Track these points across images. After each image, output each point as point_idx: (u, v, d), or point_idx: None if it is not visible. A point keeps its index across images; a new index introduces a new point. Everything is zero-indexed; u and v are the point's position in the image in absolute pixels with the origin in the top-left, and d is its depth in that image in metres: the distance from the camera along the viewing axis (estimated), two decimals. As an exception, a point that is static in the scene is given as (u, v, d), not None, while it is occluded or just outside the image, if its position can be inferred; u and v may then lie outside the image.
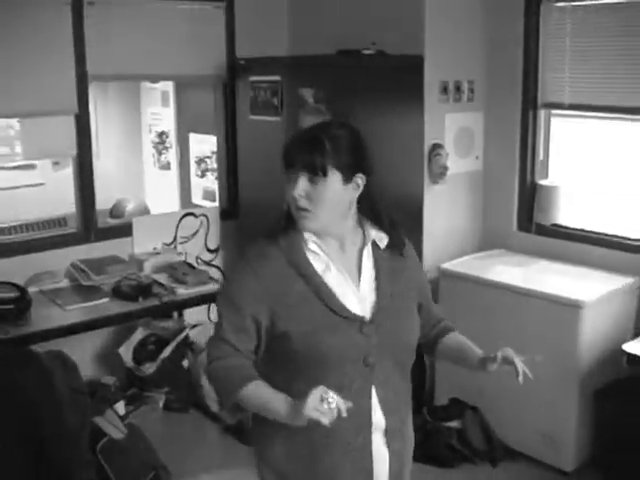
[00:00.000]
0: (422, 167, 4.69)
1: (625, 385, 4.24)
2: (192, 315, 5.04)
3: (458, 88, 4.85)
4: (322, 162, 2.09)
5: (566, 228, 4.80)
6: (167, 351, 4.85)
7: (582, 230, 4.70)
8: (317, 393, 1.87)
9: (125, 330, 4.92)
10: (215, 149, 5.64)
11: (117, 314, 4.32)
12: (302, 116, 4.57)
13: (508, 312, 4.29)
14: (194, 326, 5.04)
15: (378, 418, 2.16)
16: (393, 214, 2.32)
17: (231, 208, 5.37)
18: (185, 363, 4.94)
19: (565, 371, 4.06)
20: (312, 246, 2.16)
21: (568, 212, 4.80)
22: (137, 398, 4.92)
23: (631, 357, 3.71)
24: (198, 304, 4.74)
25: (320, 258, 2.17)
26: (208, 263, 5.23)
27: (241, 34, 5.26)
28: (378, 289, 2.20)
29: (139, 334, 4.90)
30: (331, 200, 2.13)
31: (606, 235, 4.62)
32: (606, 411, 4.12)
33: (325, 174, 2.10)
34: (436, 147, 4.72)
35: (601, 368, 4.15)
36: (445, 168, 4.70)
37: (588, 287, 4.25)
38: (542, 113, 4.88)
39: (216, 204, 5.57)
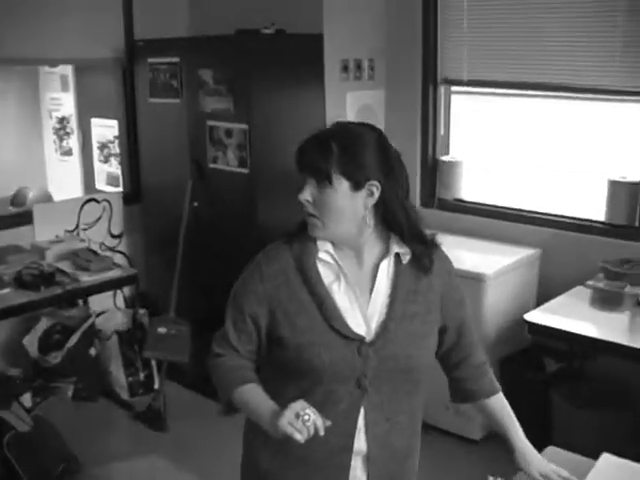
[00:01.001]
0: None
1: (528, 355, 4.36)
2: (98, 302, 4.96)
3: (359, 66, 4.87)
4: (327, 168, 1.93)
5: (468, 203, 4.89)
6: (73, 340, 4.76)
7: (484, 204, 4.79)
8: (294, 408, 1.80)
9: (29, 320, 4.80)
10: (117, 133, 5.55)
11: (20, 304, 4.23)
12: (202, 97, 4.54)
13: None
14: (100, 313, 4.97)
15: (361, 443, 2.04)
16: (420, 225, 2.06)
17: (134, 192, 5.30)
18: (92, 351, 4.86)
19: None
20: (323, 255, 2.01)
21: (470, 187, 4.89)
22: (44, 389, 4.82)
23: (532, 326, 3.79)
24: (103, 291, 4.69)
25: (331, 268, 2.02)
26: (112, 249, 5.15)
27: (139, 15, 5.16)
28: (389, 309, 2.03)
29: (44, 324, 4.79)
30: (339, 208, 1.95)
31: (507, 208, 4.73)
32: (510, 379, 4.21)
33: (330, 182, 1.93)
34: (337, 125, 4.74)
35: (505, 338, 4.24)
36: (346, 146, 4.71)
37: (490, 260, 4.33)
38: (442, 89, 4.95)
39: (120, 189, 5.49)
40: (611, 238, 4.32)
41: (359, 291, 2.02)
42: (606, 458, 2.32)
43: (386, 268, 2.05)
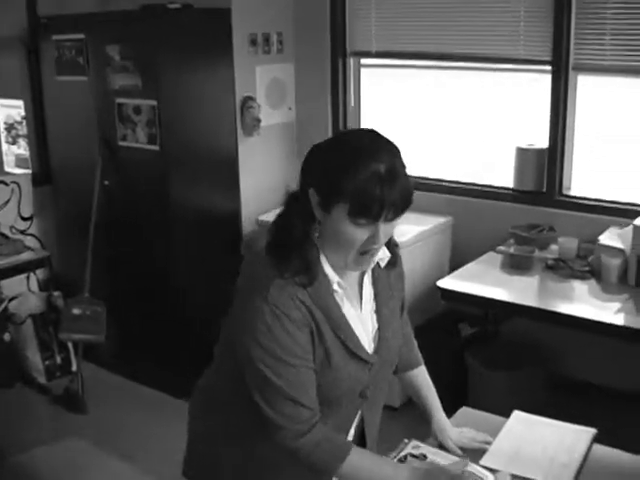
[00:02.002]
0: (234, 121, 4.70)
1: (442, 321, 4.44)
2: (10, 286, 4.86)
3: (267, 40, 4.85)
4: (412, 191, 1.78)
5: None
6: (-15, 325, 4.67)
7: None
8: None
9: (-62, 307, 4.71)
10: (24, 114, 5.43)
11: None
12: (109, 74, 4.46)
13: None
14: (13, 297, 4.87)
15: (351, 433, 2.05)
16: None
17: (44, 173, 5.18)
18: (6, 336, 4.77)
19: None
20: (336, 287, 1.85)
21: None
22: (-43, 377, 4.73)
23: (445, 292, 3.86)
24: (15, 274, 4.60)
25: (339, 295, 1.87)
26: (23, 232, 5.04)
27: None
28: (379, 315, 1.99)
29: (-46, 310, 4.70)
30: None
31: (418, 178, 4.78)
32: (426, 345, 4.27)
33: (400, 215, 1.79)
34: (248, 100, 4.73)
35: (420, 305, 4.30)
36: (258, 120, 4.71)
37: (402, 229, 4.37)
38: (351, 61, 4.97)
39: (29, 171, 5.37)
40: (520, 204, 4.42)
41: (352, 304, 1.92)
42: (517, 415, 2.39)
43: (369, 276, 1.99)
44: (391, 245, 1.99)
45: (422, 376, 2.30)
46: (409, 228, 4.39)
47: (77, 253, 4.72)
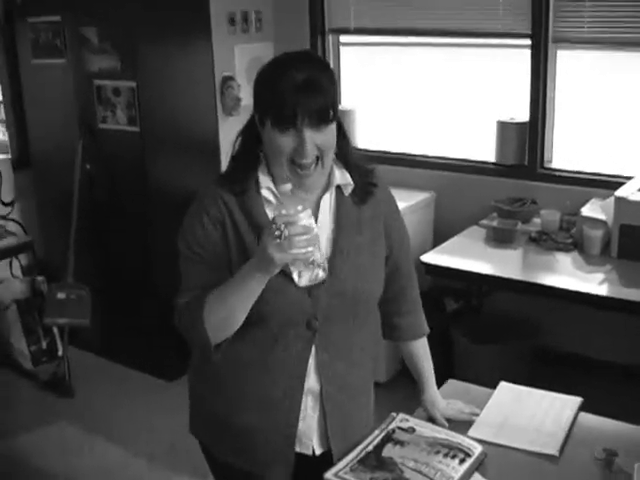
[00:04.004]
0: (215, 100, 4.68)
1: (427, 296, 4.44)
2: (-8, 273, 4.85)
3: (246, 19, 4.83)
4: (332, 106, 1.81)
5: (361, 150, 4.92)
6: (-31, 312, 4.65)
7: (377, 151, 4.83)
8: (268, 232, 1.69)
9: None
10: (1, 98, 5.38)
11: None
12: (87, 56, 4.42)
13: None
14: (-4, 283, 4.86)
15: (311, 383, 1.99)
16: (360, 154, 2.05)
17: (23, 158, 5.14)
18: (-9, 322, 4.76)
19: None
20: (265, 193, 1.90)
21: (363, 135, 4.93)
22: (-58, 364, 4.72)
23: (430, 267, 3.86)
24: (-3, 260, 4.57)
25: (272, 206, 1.89)
26: (4, 217, 5.00)
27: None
28: (334, 243, 1.94)
29: (-64, 297, 4.67)
30: (334, 144, 1.88)
31: (400, 154, 4.80)
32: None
33: (333, 119, 1.83)
34: (227, 79, 4.72)
35: (405, 281, 4.32)
36: (238, 100, 4.71)
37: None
38: (330, 39, 4.96)
39: (8, 155, 5.33)
40: (502, 178, 4.44)
41: None
42: (503, 386, 2.41)
43: (328, 202, 1.97)
44: (362, 179, 1.99)
45: (423, 348, 2.26)
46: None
47: (60, 237, 4.70)
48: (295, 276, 1.74)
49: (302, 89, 1.77)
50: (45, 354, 4.85)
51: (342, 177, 1.96)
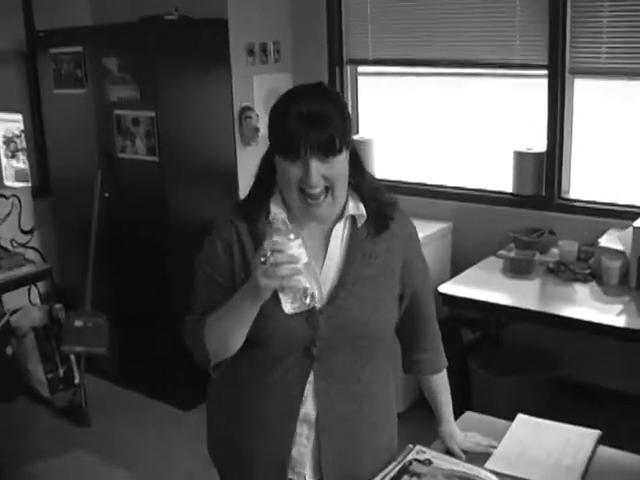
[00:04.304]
0: (233, 130, 4.71)
1: (444, 326, 4.42)
2: (12, 300, 4.85)
3: (264, 50, 4.87)
4: (339, 137, 1.82)
5: (381, 181, 4.93)
6: (-13, 339, 4.67)
7: (394, 181, 4.84)
8: (257, 258, 1.74)
9: (-60, 322, 4.70)
10: (23, 127, 5.44)
11: None
12: (107, 86, 4.47)
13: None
14: (15, 311, 4.86)
15: (308, 410, 2.00)
16: (379, 185, 2.04)
17: (43, 186, 5.19)
18: (9, 350, 4.76)
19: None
20: (272, 218, 1.89)
21: (380, 165, 4.94)
22: (-40, 391, 4.72)
23: (447, 298, 3.85)
24: (16, 287, 4.59)
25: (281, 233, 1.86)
26: (24, 245, 5.04)
27: (39, 5, 5.03)
28: (342, 274, 1.95)
29: (-44, 325, 4.69)
30: (345, 175, 1.90)
31: (418, 184, 4.79)
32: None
33: (340, 150, 1.84)
34: (246, 109, 4.75)
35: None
36: (256, 130, 4.74)
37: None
38: (348, 69, 4.98)
39: (29, 184, 5.38)
40: (519, 208, 4.43)
41: (313, 257, 1.89)
42: (521, 418, 2.39)
43: (340, 231, 1.98)
44: (378, 211, 1.99)
45: (443, 380, 2.26)
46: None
47: (78, 265, 4.72)
48: (282, 302, 1.77)
49: (307, 120, 1.80)
50: (62, 382, 4.86)
51: (355, 208, 1.96)
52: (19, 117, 5.40)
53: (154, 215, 4.49)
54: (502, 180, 4.52)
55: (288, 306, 1.76)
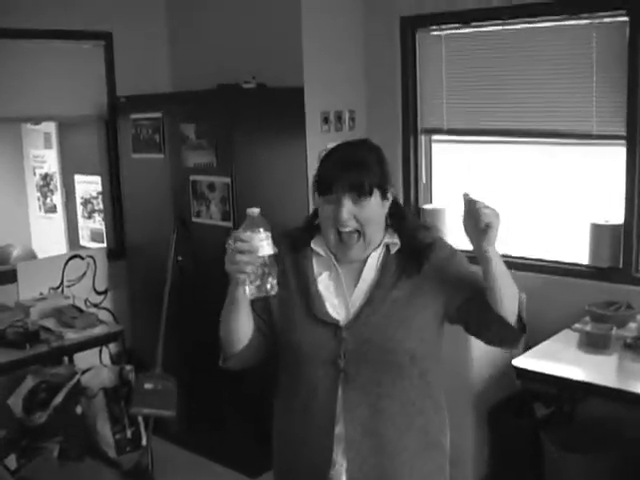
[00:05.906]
0: (307, 198, 4.73)
1: (517, 400, 4.34)
2: (83, 359, 4.91)
3: (339, 118, 4.92)
4: (369, 182, 2.06)
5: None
6: (58, 398, 4.69)
7: (468, 251, 4.78)
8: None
9: (14, 380, 4.75)
10: (101, 189, 5.56)
11: (4, 363, 4.20)
12: (185, 152, 4.56)
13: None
14: (86, 370, 4.90)
15: (340, 428, 2.09)
16: (420, 225, 2.34)
17: (118, 248, 5.29)
18: (78, 409, 4.79)
19: (459, 390, 4.12)
20: (316, 247, 2.18)
21: (453, 234, 4.90)
22: (30, 450, 4.73)
23: (521, 372, 3.78)
24: (88, 347, 4.64)
25: (323, 260, 2.18)
26: (97, 305, 5.12)
27: (121, 72, 5.20)
28: (370, 294, 2.13)
29: (29, 382, 4.72)
30: (378, 218, 2.13)
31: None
32: (501, 426, 4.19)
33: (371, 194, 2.07)
34: (320, 177, 4.78)
35: (493, 385, 4.23)
36: (330, 197, 4.76)
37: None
38: (422, 138, 5.00)
39: (104, 245, 5.48)
40: (596, 281, 4.34)
41: (348, 280, 2.15)
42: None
43: (375, 258, 2.17)
44: (414, 246, 2.15)
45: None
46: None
47: (150, 328, 4.76)
48: (244, 287, 1.98)
49: (342, 163, 2.08)
50: (129, 443, 4.86)
51: (390, 237, 2.18)
52: (97, 179, 5.54)
53: (227, 281, 4.50)
54: (577, 251, 4.44)
55: (247, 290, 1.97)
